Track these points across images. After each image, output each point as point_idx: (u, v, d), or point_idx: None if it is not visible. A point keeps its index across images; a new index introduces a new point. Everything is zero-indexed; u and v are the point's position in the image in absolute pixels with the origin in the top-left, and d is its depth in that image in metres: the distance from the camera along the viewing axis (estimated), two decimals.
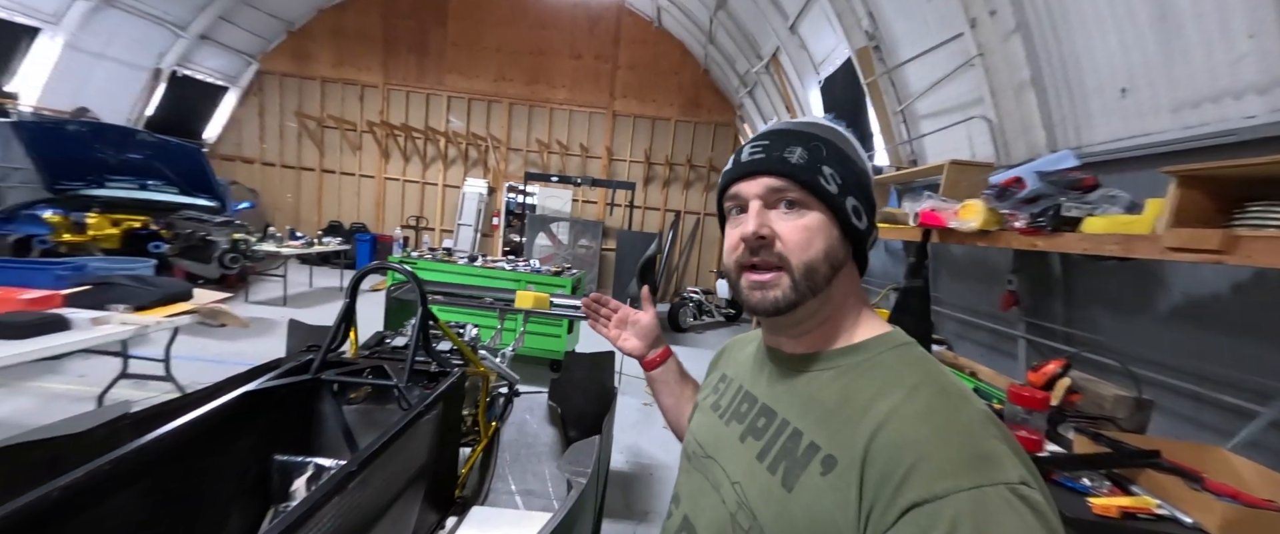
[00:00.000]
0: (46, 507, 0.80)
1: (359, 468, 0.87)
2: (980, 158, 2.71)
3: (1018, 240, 1.86)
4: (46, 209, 4.50)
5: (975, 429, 0.39)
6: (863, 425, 0.41)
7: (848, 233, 0.49)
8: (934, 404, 0.41)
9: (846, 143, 0.51)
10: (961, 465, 0.36)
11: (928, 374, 0.44)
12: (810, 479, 0.42)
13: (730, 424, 0.54)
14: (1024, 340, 2.49)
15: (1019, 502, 0.35)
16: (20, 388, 2.71)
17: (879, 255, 4.41)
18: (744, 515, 0.46)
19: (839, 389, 0.46)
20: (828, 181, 0.48)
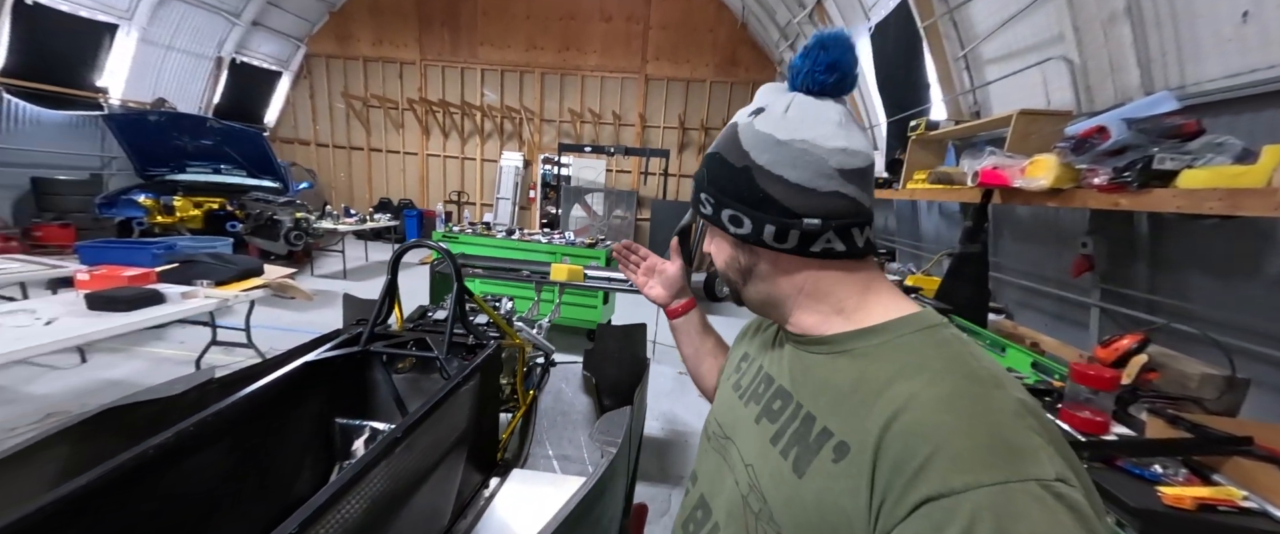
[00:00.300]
0: (148, 460, 0.93)
1: (403, 434, 0.93)
2: (1056, 106, 2.40)
3: (1096, 199, 1.66)
4: (140, 194, 5.02)
5: (1006, 419, 0.35)
6: (877, 411, 0.39)
7: (739, 238, 0.50)
8: (959, 390, 0.37)
9: (731, 139, 0.51)
10: (986, 458, 0.33)
11: (955, 358, 0.40)
12: (821, 466, 0.41)
13: (748, 405, 0.54)
14: (1098, 309, 2.27)
15: (1053, 499, 0.31)
16: (134, 353, 3.12)
17: (933, 218, 4.10)
18: (755, 498, 0.46)
19: (854, 372, 0.44)
20: (703, 205, 0.53)
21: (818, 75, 0.47)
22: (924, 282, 2.67)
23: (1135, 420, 0.89)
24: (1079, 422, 0.85)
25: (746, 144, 0.49)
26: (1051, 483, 0.32)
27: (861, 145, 0.47)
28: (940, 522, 0.32)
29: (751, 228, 0.49)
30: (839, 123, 0.47)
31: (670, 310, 0.83)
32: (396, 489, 0.94)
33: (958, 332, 0.44)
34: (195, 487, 1.03)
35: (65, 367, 2.83)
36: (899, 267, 3.92)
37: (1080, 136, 1.67)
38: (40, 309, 2.01)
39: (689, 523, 0.55)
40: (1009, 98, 2.82)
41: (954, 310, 2.10)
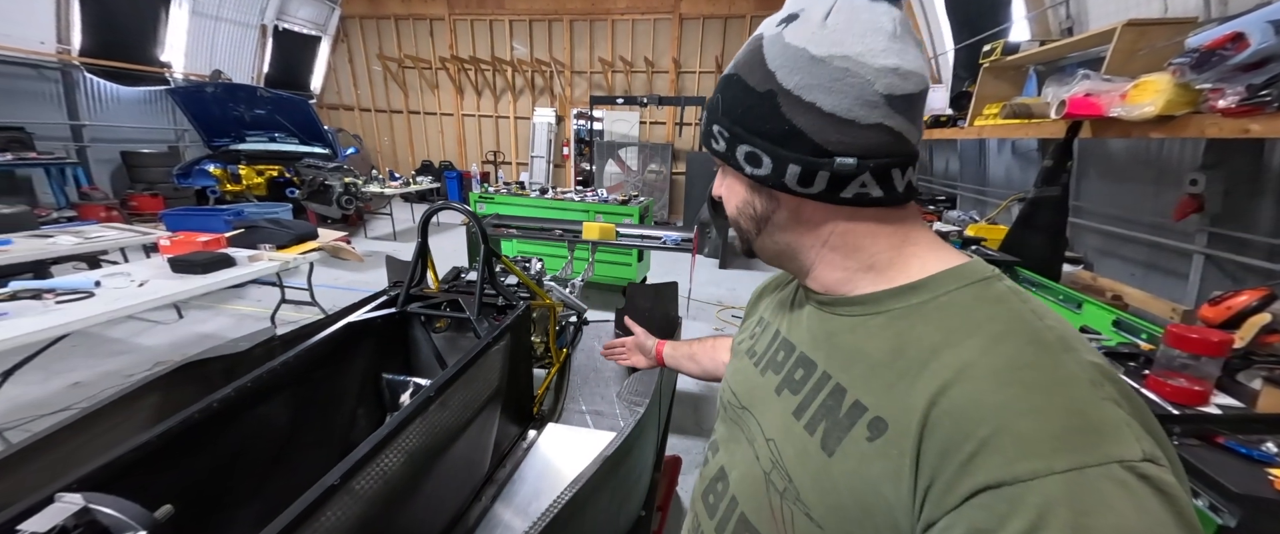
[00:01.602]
0: (214, 411, 1.02)
1: (436, 393, 0.97)
2: (1177, 12, 1.98)
3: (1218, 126, 1.39)
4: (209, 164, 5.41)
5: (1081, 390, 0.30)
6: (922, 383, 0.34)
7: (756, 180, 0.42)
8: (1023, 357, 0.32)
9: (755, 57, 0.41)
10: (1058, 439, 0.28)
11: (1014, 317, 0.34)
12: (854, 444, 0.36)
13: (765, 373, 0.49)
14: (1202, 257, 1.97)
15: (1139, 482, 0.27)
16: (220, 309, 3.49)
17: (1003, 159, 3.67)
18: (779, 477, 0.41)
19: (890, 337, 0.38)
20: (716, 140, 0.44)
21: None
22: (988, 231, 2.42)
23: (1245, 390, 0.76)
24: (1170, 391, 0.73)
25: (772, 62, 0.40)
26: (1137, 464, 0.27)
27: (917, 65, 0.38)
28: (1004, 514, 0.27)
29: (771, 168, 0.41)
30: (893, 33, 0.37)
31: (656, 359, 0.97)
32: (434, 442, 0.98)
33: (1014, 285, 0.38)
34: (262, 432, 1.14)
35: (166, 322, 3.21)
36: (960, 214, 3.58)
37: (1207, 48, 1.37)
38: (134, 272, 2.24)
39: (708, 494, 0.51)
40: (1112, 8, 2.36)
41: (1021, 263, 1.89)
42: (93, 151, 6.13)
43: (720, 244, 5.18)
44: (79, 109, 5.92)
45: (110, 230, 3.03)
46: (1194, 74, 1.43)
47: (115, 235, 2.93)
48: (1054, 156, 2.02)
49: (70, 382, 2.46)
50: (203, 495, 1.00)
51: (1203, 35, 1.47)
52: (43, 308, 1.79)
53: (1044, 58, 2.62)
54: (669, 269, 4.83)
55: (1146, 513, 0.26)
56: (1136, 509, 0.26)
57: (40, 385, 2.38)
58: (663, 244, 2.88)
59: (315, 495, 0.69)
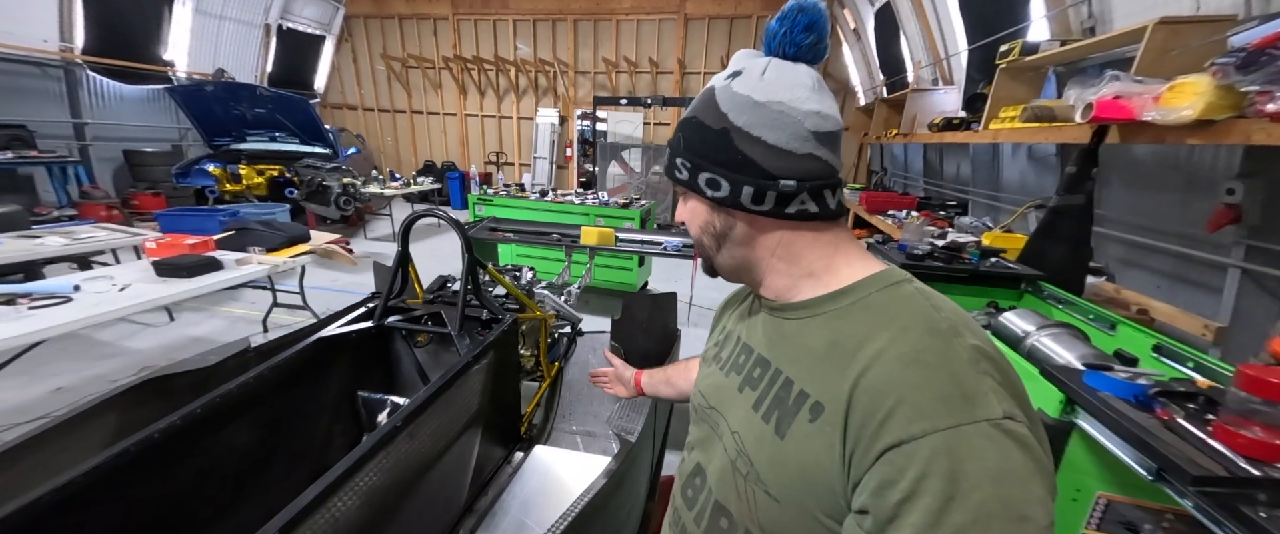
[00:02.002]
0: (176, 430, 0.94)
1: (403, 422, 0.87)
2: (1210, 10, 1.86)
3: (1267, 131, 1.28)
4: (209, 163, 5.37)
5: (962, 367, 0.38)
6: (849, 370, 0.41)
7: (716, 203, 0.51)
8: (920, 344, 0.40)
9: (708, 102, 0.51)
10: (941, 405, 0.36)
11: (918, 313, 0.43)
12: (800, 426, 0.43)
13: (730, 375, 0.56)
14: (1238, 272, 1.85)
15: (1002, 435, 0.35)
16: (214, 312, 3.43)
17: (1018, 163, 3.53)
18: (743, 462, 0.48)
19: (827, 334, 0.46)
20: (680, 170, 0.52)
21: (796, 35, 0.48)
22: (1005, 240, 2.30)
23: None
24: (1244, 443, 0.62)
25: (724, 106, 0.49)
26: (1000, 421, 0.35)
27: (832, 110, 0.49)
28: (902, 465, 0.35)
29: (729, 190, 0.49)
30: (812, 87, 0.48)
31: (637, 389, 1.00)
32: (402, 477, 0.89)
33: (920, 285, 0.47)
34: (227, 455, 1.05)
35: (157, 324, 3.15)
36: (972, 221, 3.45)
37: (1254, 47, 1.26)
38: (117, 276, 2.18)
39: (687, 488, 0.58)
40: (1139, 4, 2.24)
41: (1044, 277, 1.78)
42: (95, 150, 6.12)
43: None
44: (82, 107, 5.91)
45: (101, 231, 2.98)
46: (1239, 75, 1.31)
47: (105, 236, 2.88)
48: (1078, 162, 1.90)
49: (53, 387, 2.40)
50: (161, 525, 0.92)
51: (1249, 33, 1.36)
52: (15, 314, 1.72)
53: (1065, 58, 2.50)
54: (671, 273, 4.72)
55: (1006, 457, 0.34)
56: (998, 454, 0.34)
57: (21, 391, 2.32)
58: (664, 250, 2.78)
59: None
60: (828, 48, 0.50)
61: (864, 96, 6.69)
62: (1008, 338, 1.22)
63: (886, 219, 4.04)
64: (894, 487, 0.35)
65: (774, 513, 0.44)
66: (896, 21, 4.83)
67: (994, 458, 0.34)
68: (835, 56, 7.10)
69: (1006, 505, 0.33)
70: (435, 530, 1.03)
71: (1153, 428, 0.69)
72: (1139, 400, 0.74)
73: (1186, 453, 0.63)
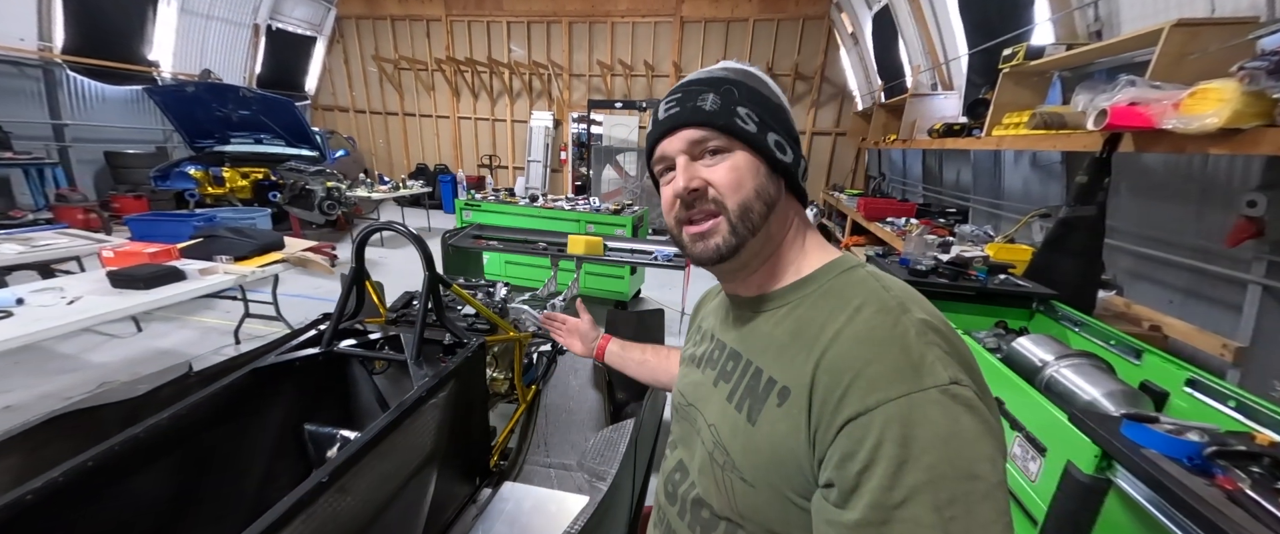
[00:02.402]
0: (87, 471, 0.81)
1: (330, 479, 0.75)
2: (1227, 12, 1.76)
3: None
4: (191, 166, 5.23)
5: (910, 340, 0.40)
6: (812, 353, 0.43)
7: (775, 167, 0.50)
8: (873, 322, 0.42)
9: (759, 81, 0.52)
10: (893, 376, 0.38)
11: (870, 292, 0.45)
12: (769, 411, 0.45)
13: (706, 372, 0.56)
14: (1259, 288, 1.74)
15: (949, 400, 0.37)
16: (184, 322, 3.28)
17: (1020, 171, 3.44)
18: (719, 452, 0.49)
19: (792, 323, 0.48)
20: (745, 122, 0.49)
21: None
22: (1011, 253, 2.19)
23: None
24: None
25: (774, 88, 0.52)
26: (947, 387, 0.37)
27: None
28: (860, 436, 0.37)
29: (793, 158, 0.50)
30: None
31: (597, 354, 0.96)
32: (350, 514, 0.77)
33: (873, 269, 0.49)
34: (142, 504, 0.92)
35: (123, 335, 3.01)
36: (973, 229, 3.35)
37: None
38: (68, 288, 2.04)
39: (668, 483, 0.59)
40: (1148, 8, 2.14)
41: (1057, 295, 1.66)
42: (75, 152, 5.96)
43: None
44: (61, 108, 5.76)
45: (61, 238, 2.83)
46: (1270, 81, 1.21)
47: (65, 243, 2.73)
48: (1090, 172, 1.80)
49: (1, 405, 2.25)
50: None
51: (1276, 37, 1.25)
52: None
53: (1072, 62, 2.40)
54: (665, 281, 4.60)
55: (954, 420, 0.36)
56: (946, 418, 0.36)
57: None
58: (654, 260, 2.66)
59: None
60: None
61: (861, 101, 6.61)
62: (1023, 367, 1.10)
63: (885, 226, 3.94)
64: (854, 458, 0.37)
65: (750, 498, 0.46)
66: (895, 25, 4.75)
67: (943, 422, 0.36)
68: (832, 60, 7.02)
69: (956, 466, 0.35)
70: None
71: (1216, 501, 0.57)
72: (1194, 463, 0.63)
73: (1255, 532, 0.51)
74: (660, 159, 0.52)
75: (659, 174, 0.53)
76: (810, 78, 7.13)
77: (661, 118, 0.51)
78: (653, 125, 0.53)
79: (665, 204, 0.52)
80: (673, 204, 0.50)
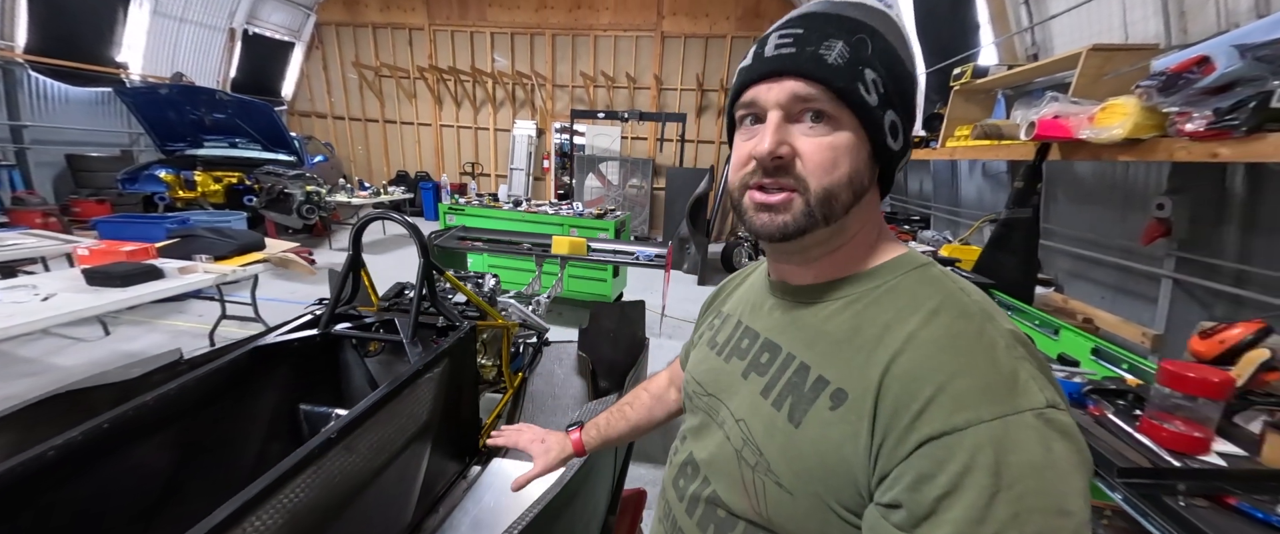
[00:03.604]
0: (77, 446, 0.85)
1: (338, 436, 0.82)
2: (1138, 39, 2.02)
3: (1186, 150, 1.37)
4: (161, 169, 5.10)
5: (1000, 353, 0.36)
6: (877, 356, 0.39)
7: (879, 152, 0.42)
8: (955, 328, 0.38)
9: (899, 35, 0.42)
10: (984, 394, 0.34)
11: (948, 295, 0.40)
12: (818, 414, 0.40)
13: (730, 360, 0.51)
14: (1170, 281, 1.97)
15: (1045, 426, 0.33)
16: (154, 325, 3.20)
17: (975, 181, 3.72)
18: (750, 452, 0.45)
19: (849, 319, 0.43)
20: (868, 91, 0.40)
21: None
22: (961, 252, 2.39)
23: (1243, 434, 0.68)
24: (1167, 436, 0.65)
25: (912, 49, 0.44)
26: (1043, 411, 0.33)
27: None
28: (943, 458, 0.33)
29: (903, 146, 0.43)
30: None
31: (575, 448, 0.79)
32: (336, 493, 0.83)
33: (945, 268, 0.45)
34: (137, 480, 0.96)
35: (89, 339, 2.92)
36: (934, 235, 3.59)
37: (1172, 71, 1.36)
38: (41, 285, 2.01)
39: (679, 478, 0.54)
40: (1076, 34, 2.41)
41: (995, 285, 1.85)
42: (34, 154, 5.71)
43: (699, 260, 5.11)
44: (20, 108, 5.53)
45: (29, 238, 2.76)
46: (1161, 97, 1.41)
47: (33, 243, 2.67)
48: (1024, 178, 2.00)
49: None
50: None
51: (1166, 60, 1.46)
52: None
53: (1012, 81, 2.66)
54: (647, 285, 4.71)
55: (1050, 450, 0.32)
56: (1043, 447, 0.32)
57: None
58: (636, 260, 2.77)
59: None
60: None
61: None
62: None
63: None
64: (933, 481, 0.33)
65: (785, 504, 0.41)
66: None
67: (1038, 450, 0.32)
68: None
69: (1048, 499, 0.31)
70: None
71: (1085, 424, 0.71)
72: (1073, 398, 0.77)
73: (1115, 447, 0.65)
74: (748, 104, 0.43)
75: (739, 118, 0.45)
76: None
77: (769, 54, 0.41)
78: (753, 58, 0.43)
79: (736, 160, 0.44)
80: (746, 162, 0.43)
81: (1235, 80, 1.24)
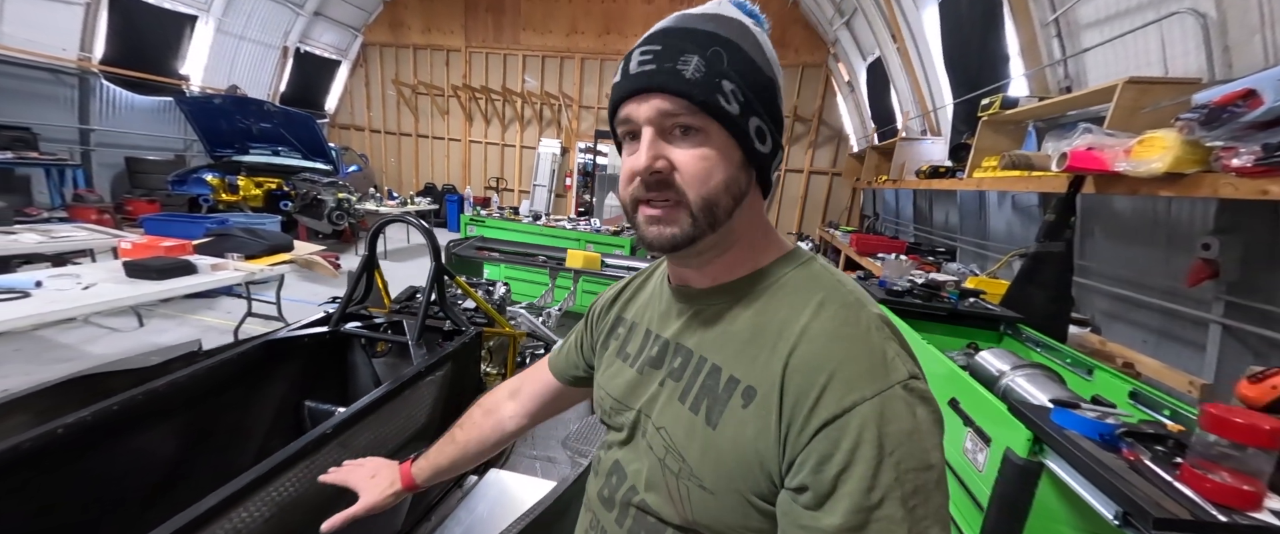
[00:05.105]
0: (86, 426, 0.87)
1: (334, 431, 0.82)
2: (1178, 73, 1.95)
3: (1231, 186, 1.30)
4: (208, 173, 5.42)
5: (873, 336, 0.40)
6: (778, 350, 0.42)
7: (751, 158, 0.44)
8: (838, 317, 0.42)
9: (754, 43, 0.44)
10: (865, 375, 0.38)
11: (829, 288, 0.44)
12: (733, 413, 0.42)
13: (644, 370, 0.52)
14: (1219, 327, 1.83)
15: (909, 395, 0.38)
16: (186, 319, 3.34)
17: (1004, 213, 3.59)
18: (673, 459, 0.46)
19: (750, 318, 0.45)
20: (728, 100, 0.41)
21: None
22: (987, 284, 2.29)
23: None
24: (1212, 488, 0.58)
25: (768, 55, 0.45)
26: (908, 382, 0.38)
27: None
28: (836, 438, 0.37)
29: (771, 147, 0.45)
30: None
31: (403, 482, 0.68)
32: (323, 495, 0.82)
33: (823, 261, 0.48)
34: (144, 460, 0.98)
35: (125, 329, 3.06)
36: (959, 267, 3.46)
37: (1216, 104, 1.30)
38: (84, 275, 2.13)
39: (604, 489, 0.54)
40: (1111, 67, 2.34)
41: (1023, 319, 1.76)
42: (98, 155, 6.18)
43: None
44: (91, 113, 6.01)
45: (81, 231, 2.95)
46: (1203, 131, 1.35)
47: (84, 236, 2.84)
48: (1057, 210, 1.92)
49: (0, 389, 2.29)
50: (71, 525, 0.83)
51: (1208, 93, 1.40)
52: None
53: (1043, 113, 2.59)
54: None
55: (915, 415, 0.37)
56: (909, 413, 0.37)
57: None
58: None
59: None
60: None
61: (856, 143, 6.90)
62: (983, 377, 1.18)
63: (876, 261, 4.06)
64: (831, 460, 0.36)
65: (709, 505, 0.43)
66: (887, 75, 5.06)
67: (907, 417, 0.37)
68: (829, 105, 7.39)
69: (918, 458, 0.36)
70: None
71: (1119, 469, 0.65)
72: (1105, 440, 0.70)
73: (1152, 496, 0.59)
74: (624, 121, 0.44)
75: (622, 135, 0.46)
76: (809, 120, 7.47)
77: (633, 71, 0.43)
78: (620, 75, 0.44)
79: (623, 175, 0.45)
80: (631, 179, 0.44)
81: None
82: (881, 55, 5.04)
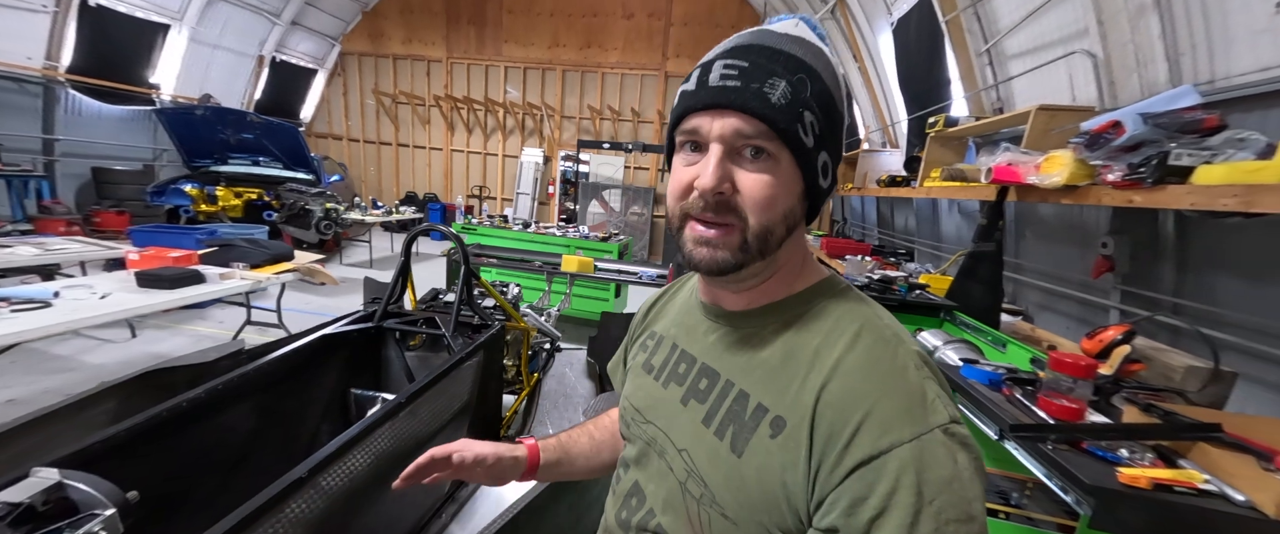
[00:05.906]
0: (182, 411, 1.03)
1: (408, 400, 1.01)
2: (1081, 102, 2.33)
3: (1110, 196, 1.63)
4: (186, 184, 5.35)
5: (911, 373, 0.39)
6: (809, 382, 0.41)
7: (810, 190, 0.43)
8: (875, 352, 0.40)
9: (833, 76, 0.43)
10: (903, 416, 0.37)
11: (866, 320, 0.43)
12: (760, 442, 0.41)
13: (669, 386, 0.51)
14: (1117, 312, 2.20)
15: (951, 440, 0.36)
16: (179, 329, 3.36)
17: (953, 218, 4.01)
18: (695, 483, 0.45)
19: (781, 344, 0.44)
20: (806, 132, 0.41)
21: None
22: (935, 281, 2.63)
23: (1115, 410, 0.89)
24: (1054, 408, 0.86)
25: (843, 91, 0.45)
26: (949, 426, 0.37)
27: None
28: (872, 481, 0.35)
29: (830, 183, 0.45)
30: None
31: (528, 469, 0.63)
32: (401, 448, 1.02)
33: (859, 291, 0.47)
34: (226, 437, 1.14)
35: (118, 340, 3.07)
36: (916, 266, 3.84)
37: (1094, 132, 1.64)
38: (97, 285, 2.20)
39: (623, 510, 0.52)
40: (1033, 94, 2.74)
41: (961, 308, 2.08)
42: (63, 166, 5.98)
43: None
44: (55, 123, 5.84)
45: (73, 243, 2.96)
46: (1088, 152, 1.69)
47: (79, 248, 2.87)
48: (987, 216, 2.26)
49: (4, 399, 2.31)
50: (165, 493, 0.99)
51: (1091, 122, 1.75)
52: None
53: (978, 131, 2.98)
54: None
55: (956, 462, 0.36)
56: (951, 461, 0.35)
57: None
58: (639, 279, 2.99)
59: (282, 487, 0.72)
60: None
61: None
62: None
63: (843, 262, 4.42)
64: (865, 503, 0.35)
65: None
66: (849, 91, 5.50)
67: (949, 464, 0.35)
68: None
69: (959, 508, 0.34)
70: (421, 509, 1.13)
71: (999, 402, 0.92)
72: (993, 384, 0.98)
73: (1017, 416, 0.86)
74: (691, 131, 0.43)
75: (679, 144, 0.45)
76: None
77: (713, 83, 0.41)
78: (696, 85, 0.42)
79: (676, 185, 0.44)
80: (687, 191, 0.43)
81: (1141, 141, 1.51)
82: (844, 73, 5.48)
